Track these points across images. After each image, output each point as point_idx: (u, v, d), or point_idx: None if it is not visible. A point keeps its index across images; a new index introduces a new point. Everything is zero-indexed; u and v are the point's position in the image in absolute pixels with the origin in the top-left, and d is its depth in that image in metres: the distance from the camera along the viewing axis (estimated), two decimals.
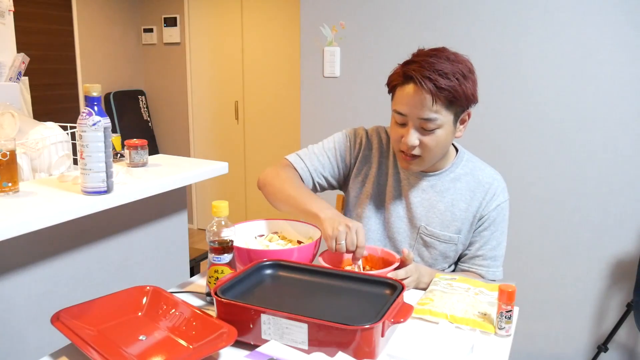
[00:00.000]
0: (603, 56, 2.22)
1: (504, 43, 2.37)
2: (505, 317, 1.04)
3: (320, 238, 1.28)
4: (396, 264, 1.21)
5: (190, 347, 0.96)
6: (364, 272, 1.18)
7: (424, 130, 1.27)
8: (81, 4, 4.08)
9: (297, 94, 3.44)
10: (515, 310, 1.16)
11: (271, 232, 1.40)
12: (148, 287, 1.12)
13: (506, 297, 1.02)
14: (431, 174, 1.40)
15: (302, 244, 1.33)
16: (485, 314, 1.08)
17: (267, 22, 4.23)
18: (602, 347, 2.31)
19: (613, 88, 2.23)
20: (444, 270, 1.43)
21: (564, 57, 2.29)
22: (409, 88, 1.25)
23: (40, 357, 0.98)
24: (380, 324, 0.90)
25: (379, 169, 1.46)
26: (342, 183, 1.54)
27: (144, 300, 1.11)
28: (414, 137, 1.27)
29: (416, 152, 1.29)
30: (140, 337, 1.00)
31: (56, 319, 0.99)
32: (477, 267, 1.40)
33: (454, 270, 1.46)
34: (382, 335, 0.92)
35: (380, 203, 1.46)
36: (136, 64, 4.71)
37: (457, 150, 1.45)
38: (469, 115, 1.34)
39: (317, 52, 2.77)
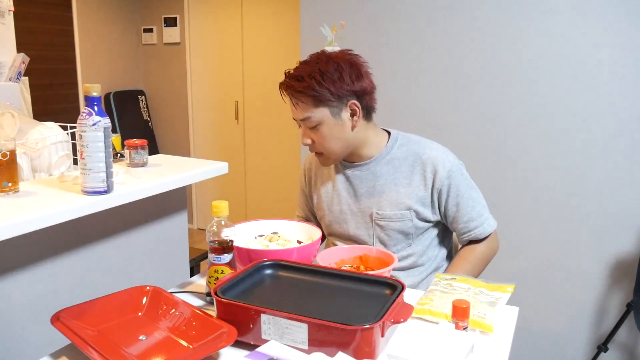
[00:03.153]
0: (603, 56, 2.22)
1: (504, 43, 2.37)
2: None
3: (320, 238, 1.28)
4: (394, 264, 1.21)
5: (190, 347, 0.97)
6: (364, 272, 1.19)
7: (309, 130, 1.39)
8: (81, 4, 4.08)
9: None
10: (515, 310, 1.16)
11: (271, 232, 1.40)
12: (148, 287, 1.12)
13: (460, 313, 1.01)
14: (366, 162, 1.47)
15: (302, 244, 1.33)
16: (485, 314, 1.07)
17: (267, 22, 4.23)
18: (602, 347, 2.30)
19: (613, 88, 2.23)
20: (410, 245, 1.47)
21: (564, 57, 2.29)
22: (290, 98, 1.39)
23: (40, 357, 0.98)
24: (380, 324, 0.90)
25: (322, 181, 1.57)
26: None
27: (144, 300, 1.11)
28: (304, 137, 1.41)
29: (314, 149, 1.43)
30: (140, 337, 1.00)
31: (56, 319, 0.99)
32: (474, 232, 1.45)
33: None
34: (382, 335, 0.92)
35: (335, 208, 1.53)
36: (136, 64, 4.71)
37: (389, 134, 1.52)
38: (356, 106, 1.37)
39: None
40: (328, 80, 1.32)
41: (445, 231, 1.55)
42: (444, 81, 2.48)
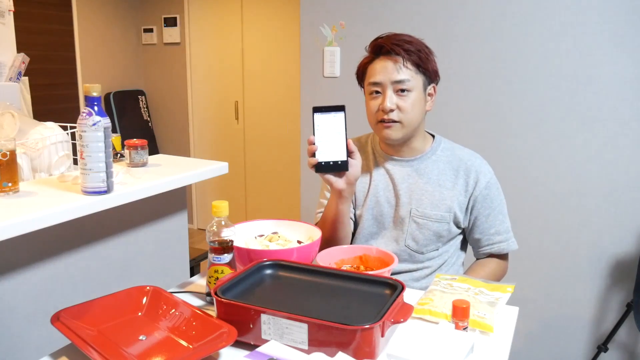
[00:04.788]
0: (603, 56, 2.22)
1: (504, 43, 2.37)
2: None
3: (320, 238, 1.28)
4: (393, 264, 1.21)
5: (190, 347, 0.97)
6: (364, 272, 1.19)
7: (399, 93, 1.37)
8: (81, 4, 4.08)
9: (297, 94, 3.44)
10: (515, 310, 1.16)
11: (271, 232, 1.40)
12: (148, 287, 1.12)
13: (460, 313, 1.01)
14: (412, 158, 1.47)
15: (302, 244, 1.33)
16: (485, 314, 1.07)
17: (267, 22, 4.23)
18: (602, 347, 2.30)
19: (613, 88, 2.23)
20: (438, 249, 1.47)
21: (563, 57, 2.29)
22: (381, 59, 1.39)
23: (40, 357, 0.98)
24: (380, 324, 0.90)
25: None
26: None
27: (144, 300, 1.11)
28: (391, 100, 1.37)
29: (394, 116, 1.38)
30: (140, 337, 1.00)
31: (56, 319, 0.99)
32: (497, 246, 1.46)
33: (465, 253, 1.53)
34: (382, 335, 0.92)
35: (371, 200, 1.50)
36: (136, 64, 4.71)
37: (433, 137, 1.53)
38: (434, 89, 1.46)
39: (317, 52, 2.77)
40: (431, 55, 1.41)
41: (464, 241, 1.55)
42: (443, 81, 2.48)
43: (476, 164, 1.46)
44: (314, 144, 1.29)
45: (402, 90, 1.36)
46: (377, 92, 1.39)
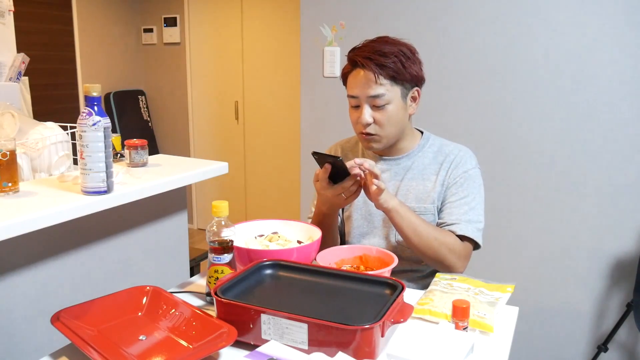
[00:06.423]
0: (603, 56, 2.22)
1: (504, 43, 2.38)
2: None
3: (320, 238, 1.28)
4: (393, 264, 1.21)
5: (190, 347, 0.97)
6: (364, 272, 1.19)
7: (375, 108, 1.37)
8: (81, 4, 4.08)
9: (297, 94, 3.44)
10: (515, 310, 1.16)
11: (271, 232, 1.40)
12: (148, 287, 1.12)
13: (460, 313, 1.01)
14: (400, 156, 1.48)
15: (302, 244, 1.33)
16: (485, 314, 1.07)
17: (267, 22, 4.23)
18: (602, 347, 2.30)
19: (613, 88, 2.23)
20: None
21: (563, 56, 2.29)
22: (356, 72, 1.38)
23: (40, 357, 0.98)
24: (380, 324, 0.90)
25: None
26: None
27: (144, 300, 1.11)
28: (367, 115, 1.37)
29: (372, 130, 1.39)
30: (140, 337, 1.00)
31: (56, 319, 0.99)
32: (449, 226, 1.39)
33: None
34: (382, 335, 0.92)
35: (359, 199, 1.46)
36: (136, 64, 4.71)
37: (422, 134, 1.53)
38: (418, 93, 1.43)
39: (317, 52, 2.77)
40: (409, 61, 1.37)
41: None
42: (443, 81, 2.48)
43: (459, 155, 1.46)
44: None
45: (379, 105, 1.36)
46: (356, 105, 1.40)
